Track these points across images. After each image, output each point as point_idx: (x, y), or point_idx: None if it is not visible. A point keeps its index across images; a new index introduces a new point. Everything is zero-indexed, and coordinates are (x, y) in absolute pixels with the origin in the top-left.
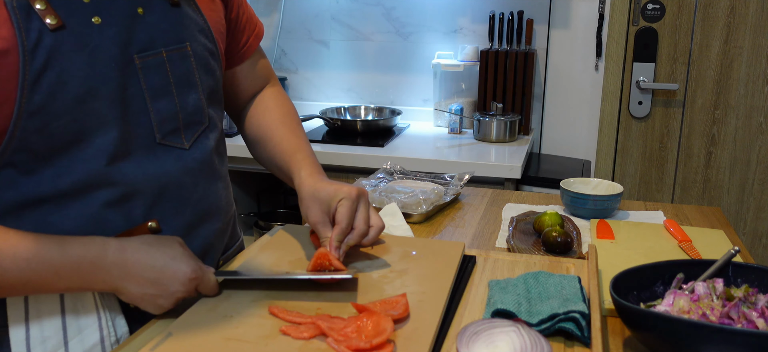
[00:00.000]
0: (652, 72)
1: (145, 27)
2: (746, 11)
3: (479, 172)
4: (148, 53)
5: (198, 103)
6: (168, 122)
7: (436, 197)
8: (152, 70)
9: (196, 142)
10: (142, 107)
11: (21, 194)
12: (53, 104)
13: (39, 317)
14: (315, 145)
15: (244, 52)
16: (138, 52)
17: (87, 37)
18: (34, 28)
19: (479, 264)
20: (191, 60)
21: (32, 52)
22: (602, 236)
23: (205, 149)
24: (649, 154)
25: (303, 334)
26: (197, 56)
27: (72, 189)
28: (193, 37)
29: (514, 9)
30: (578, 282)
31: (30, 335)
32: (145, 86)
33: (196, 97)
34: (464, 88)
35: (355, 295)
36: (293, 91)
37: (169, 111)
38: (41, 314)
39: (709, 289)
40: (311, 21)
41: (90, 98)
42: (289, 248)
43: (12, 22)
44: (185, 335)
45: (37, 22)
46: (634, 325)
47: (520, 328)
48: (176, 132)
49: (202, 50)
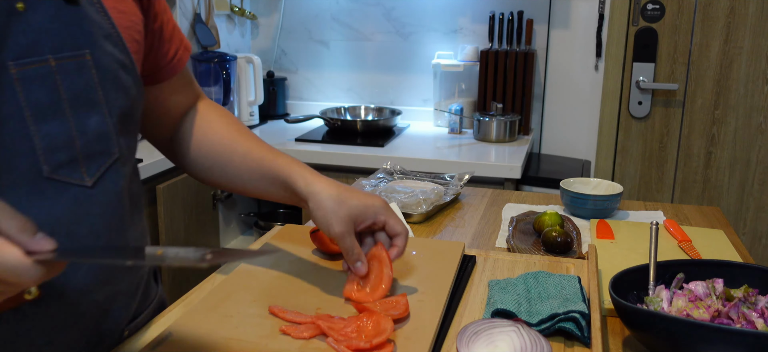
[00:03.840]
0: (651, 72)
1: (25, 27)
2: (746, 11)
3: (479, 172)
4: (29, 61)
5: (102, 128)
6: (60, 151)
7: (436, 197)
8: (35, 82)
9: (103, 178)
10: (19, 131)
11: None
12: None
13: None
14: (315, 146)
15: (174, 65)
16: (15, 59)
17: None
18: None
19: (479, 264)
20: (92, 72)
21: None
22: (602, 236)
23: (115, 188)
24: (648, 154)
25: (303, 334)
26: (101, 68)
27: None
28: (96, 43)
29: (514, 9)
30: (578, 282)
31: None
32: (24, 103)
33: (100, 119)
34: (464, 88)
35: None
36: (293, 91)
37: (60, 137)
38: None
39: (709, 289)
40: (311, 21)
41: None
42: (289, 248)
43: None
44: (185, 335)
45: None
46: (633, 324)
47: (520, 328)
48: (73, 164)
49: (109, 61)
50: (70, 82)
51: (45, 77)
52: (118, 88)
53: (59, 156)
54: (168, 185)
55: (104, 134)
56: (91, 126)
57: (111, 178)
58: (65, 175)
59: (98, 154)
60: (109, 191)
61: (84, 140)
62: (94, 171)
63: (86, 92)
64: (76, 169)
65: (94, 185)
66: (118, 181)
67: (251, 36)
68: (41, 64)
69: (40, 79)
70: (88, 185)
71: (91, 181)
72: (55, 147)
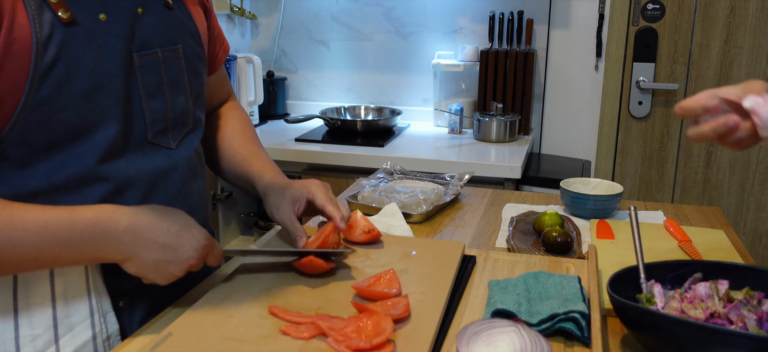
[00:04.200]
0: (652, 72)
1: (143, 27)
2: (746, 11)
3: (479, 172)
4: (146, 53)
5: (186, 105)
6: (159, 122)
7: (436, 197)
8: (149, 69)
9: (182, 142)
10: (138, 106)
11: (12, 188)
12: (59, 97)
13: (28, 309)
14: (315, 146)
15: (215, 63)
16: (137, 51)
17: (95, 33)
18: (46, 21)
19: (479, 264)
20: (182, 62)
21: (45, 45)
22: (602, 236)
23: (189, 149)
24: (649, 154)
25: (303, 334)
26: (187, 59)
27: (65, 184)
28: (185, 39)
29: (514, 9)
30: (578, 282)
31: (19, 334)
32: (141, 85)
33: (185, 98)
34: (464, 88)
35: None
36: (293, 91)
37: (160, 111)
38: (31, 306)
39: (712, 290)
40: (311, 21)
41: (95, 93)
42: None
43: (27, 14)
44: (185, 335)
45: (49, 14)
46: (630, 323)
47: (520, 328)
48: (165, 132)
49: (192, 53)
50: (169, 70)
51: (155, 65)
52: (197, 74)
53: (159, 125)
54: None
55: (186, 109)
56: (179, 103)
57: (187, 142)
58: (161, 139)
59: (181, 124)
60: (186, 151)
61: (174, 114)
62: (177, 136)
63: (178, 77)
64: (166, 136)
65: (177, 146)
66: (191, 144)
67: (251, 36)
68: (153, 55)
69: (152, 67)
70: (172, 147)
71: (175, 144)
72: (157, 118)
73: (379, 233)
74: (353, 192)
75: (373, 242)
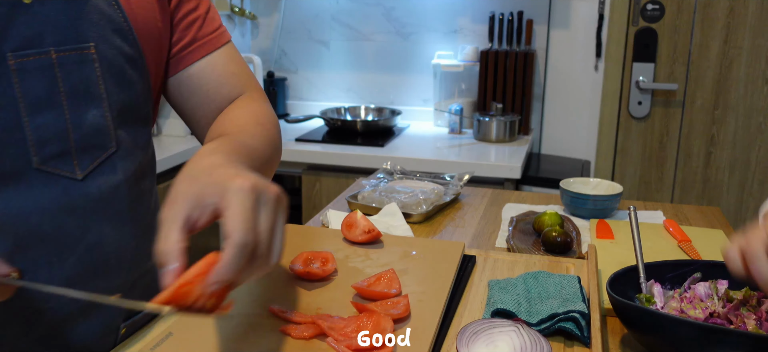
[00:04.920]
0: (651, 72)
1: (29, 19)
2: (746, 11)
3: (479, 172)
4: (29, 53)
5: (101, 122)
6: (52, 143)
7: (436, 197)
8: (33, 74)
9: (96, 171)
10: (12, 121)
11: None
12: None
13: None
14: (315, 146)
15: (207, 41)
16: (14, 50)
17: None
18: None
19: (479, 264)
20: (95, 66)
21: None
22: (602, 236)
23: (108, 182)
24: (648, 154)
25: (303, 334)
26: (106, 62)
27: None
28: (103, 37)
29: (514, 9)
30: (578, 282)
31: None
32: (20, 94)
33: (98, 113)
34: (464, 88)
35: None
36: (293, 91)
37: (54, 129)
38: None
39: (711, 290)
40: (311, 21)
41: None
42: (289, 248)
43: None
44: (185, 335)
45: None
46: (630, 322)
47: (520, 328)
48: (64, 156)
49: (115, 55)
50: (70, 75)
51: (44, 69)
52: (122, 81)
53: (51, 148)
54: (169, 184)
55: (101, 128)
56: (88, 120)
57: (106, 171)
58: (55, 166)
59: (92, 147)
60: (103, 185)
61: (79, 133)
62: (87, 164)
63: (86, 86)
64: (67, 162)
65: (85, 177)
66: (114, 175)
67: (251, 36)
68: (42, 56)
69: (39, 71)
70: (78, 178)
71: (82, 174)
72: (48, 139)
73: (379, 233)
74: (353, 192)
75: (373, 242)
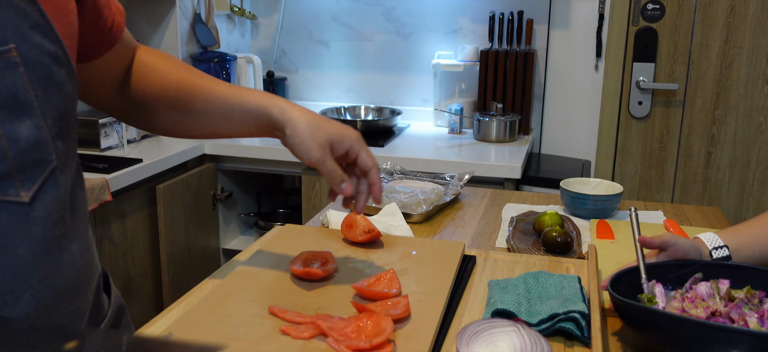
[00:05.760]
0: (651, 72)
1: None
2: (746, 11)
3: (479, 172)
4: None
5: (37, 134)
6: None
7: (436, 197)
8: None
9: (41, 190)
10: None
11: None
12: None
13: None
14: None
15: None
16: None
17: None
18: None
19: (479, 264)
20: (21, 70)
21: None
22: (602, 236)
23: (54, 200)
24: (648, 154)
25: (303, 334)
26: (31, 64)
27: None
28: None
29: (514, 9)
30: (578, 282)
31: None
32: None
33: (33, 124)
34: (464, 88)
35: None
36: (293, 91)
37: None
38: None
39: (713, 289)
40: (311, 21)
41: None
42: (289, 248)
43: None
44: (185, 335)
45: None
46: (632, 322)
47: (520, 328)
48: (6, 180)
49: (39, 55)
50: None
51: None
52: (52, 85)
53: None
54: (168, 184)
55: (40, 142)
56: (23, 133)
57: (50, 189)
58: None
59: (34, 164)
60: (49, 203)
61: (16, 151)
62: (31, 184)
63: (14, 93)
64: (9, 185)
65: (33, 199)
66: (57, 191)
67: (251, 36)
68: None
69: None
70: (25, 201)
71: (29, 195)
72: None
73: (379, 233)
74: None
75: (373, 242)
